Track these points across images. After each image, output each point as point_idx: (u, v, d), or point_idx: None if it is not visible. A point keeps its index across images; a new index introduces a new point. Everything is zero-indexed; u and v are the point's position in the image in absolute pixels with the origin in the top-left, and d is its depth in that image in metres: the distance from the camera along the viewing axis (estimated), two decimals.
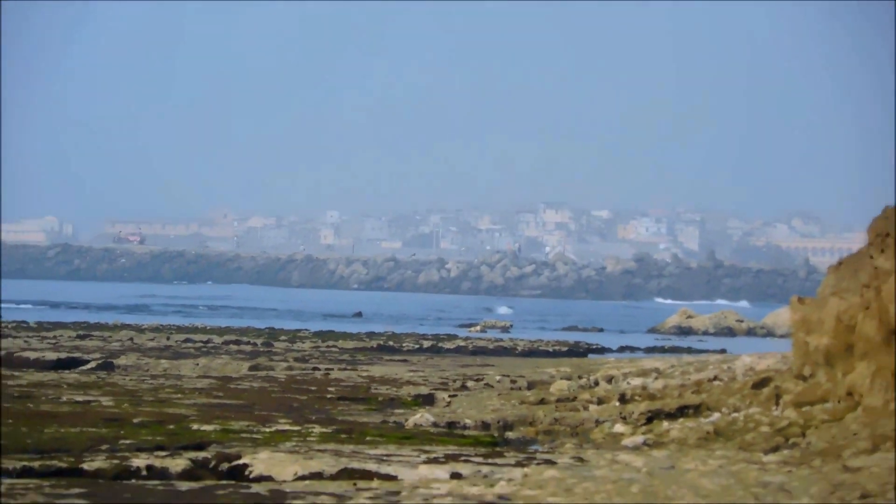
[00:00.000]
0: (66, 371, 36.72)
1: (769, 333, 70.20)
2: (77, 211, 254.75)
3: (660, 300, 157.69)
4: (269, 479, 18.69)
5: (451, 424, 25.72)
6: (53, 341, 46.97)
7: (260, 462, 19.60)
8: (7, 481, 18.19)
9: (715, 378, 29.36)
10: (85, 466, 19.34)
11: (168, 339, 50.30)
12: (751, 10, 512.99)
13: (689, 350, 53.15)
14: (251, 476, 18.99)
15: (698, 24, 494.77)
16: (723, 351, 46.48)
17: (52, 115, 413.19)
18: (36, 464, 19.57)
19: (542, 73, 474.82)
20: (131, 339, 49.83)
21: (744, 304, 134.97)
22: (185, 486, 17.90)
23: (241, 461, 19.80)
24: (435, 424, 25.59)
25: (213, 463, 20.06)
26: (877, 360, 22.78)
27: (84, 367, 37.87)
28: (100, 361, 38.91)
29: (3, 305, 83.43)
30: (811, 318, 25.21)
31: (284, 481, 18.44)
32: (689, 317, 77.61)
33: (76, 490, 16.85)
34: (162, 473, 19.21)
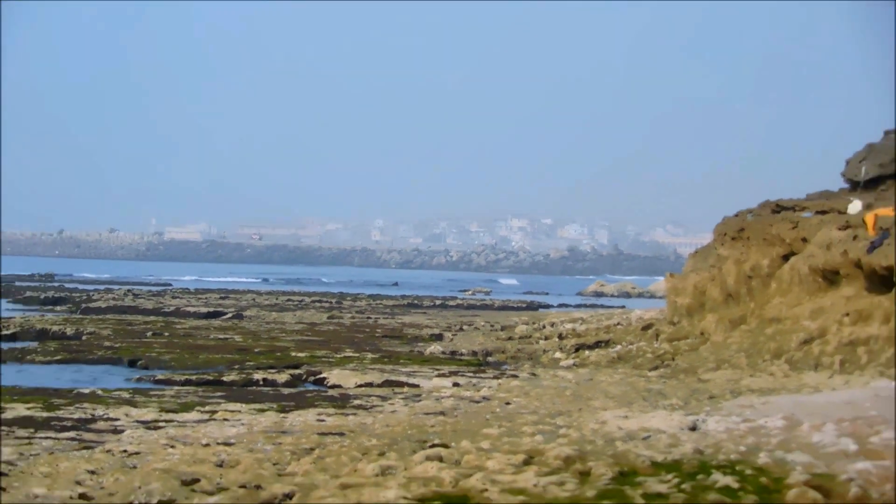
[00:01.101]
0: (213, 319, 36.88)
1: (652, 296, 69.95)
2: (221, 218, 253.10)
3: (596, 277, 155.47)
4: (339, 386, 18.73)
5: (453, 353, 25.68)
6: (205, 300, 47.03)
7: (333, 376, 19.63)
8: (175, 388, 18.25)
9: (618, 324, 29.33)
10: (224, 379, 19.43)
11: (277, 299, 50.28)
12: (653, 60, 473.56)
13: (602, 306, 53.07)
14: (328, 385, 19.05)
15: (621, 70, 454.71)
16: (623, 307, 46.39)
17: (209, 150, 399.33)
18: (194, 377, 19.66)
19: (510, 116, 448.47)
20: (254, 299, 49.79)
21: (658, 278, 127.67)
22: (286, 390, 17.98)
23: (321, 375, 19.86)
24: (443, 352, 25.61)
25: (304, 376, 20.13)
26: (719, 313, 22.77)
27: (224, 317, 37.96)
28: (234, 313, 38.96)
29: (172, 279, 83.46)
30: (678, 286, 25.20)
31: (349, 388, 18.50)
32: (602, 285, 77.45)
33: (219, 393, 16.89)
34: (272, 383, 19.27)
